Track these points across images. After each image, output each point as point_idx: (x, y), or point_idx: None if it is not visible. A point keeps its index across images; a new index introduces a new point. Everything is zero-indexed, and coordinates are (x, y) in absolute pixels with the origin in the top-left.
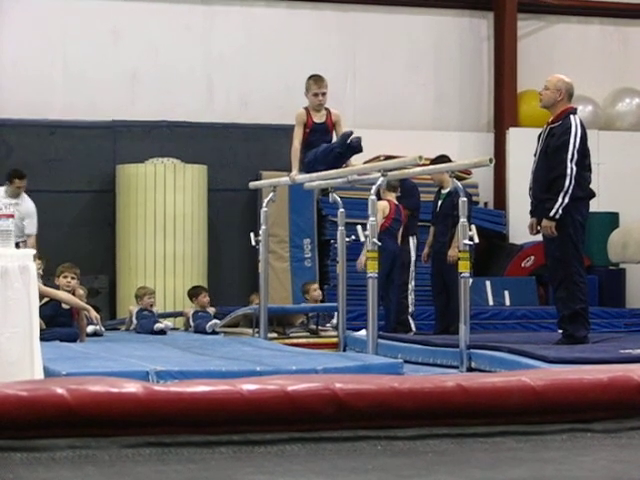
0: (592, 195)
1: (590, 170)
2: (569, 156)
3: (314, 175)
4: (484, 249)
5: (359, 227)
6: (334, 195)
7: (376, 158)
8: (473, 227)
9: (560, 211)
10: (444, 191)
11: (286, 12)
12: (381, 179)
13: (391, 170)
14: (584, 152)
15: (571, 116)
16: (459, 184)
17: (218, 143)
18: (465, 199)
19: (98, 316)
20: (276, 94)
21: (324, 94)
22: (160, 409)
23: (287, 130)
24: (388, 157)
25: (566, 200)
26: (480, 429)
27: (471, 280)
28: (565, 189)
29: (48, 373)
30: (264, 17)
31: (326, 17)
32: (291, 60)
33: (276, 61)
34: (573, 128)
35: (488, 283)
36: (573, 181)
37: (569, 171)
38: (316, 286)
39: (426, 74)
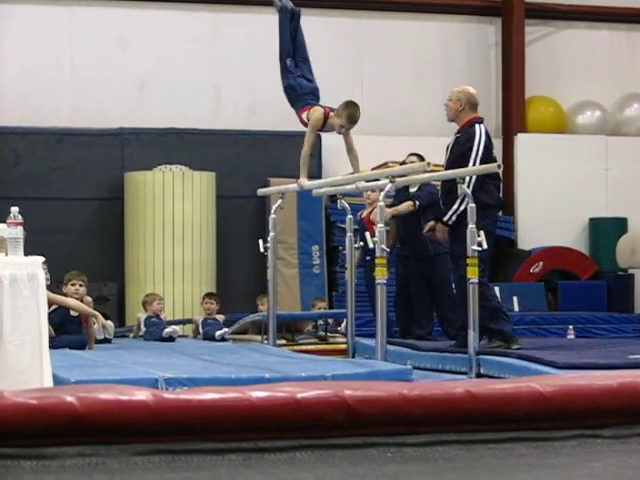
0: (501, 204)
1: (499, 178)
2: (471, 164)
3: (322, 182)
4: (492, 255)
5: (368, 233)
6: (342, 202)
7: (385, 164)
8: (482, 233)
9: (454, 217)
10: (412, 189)
11: None
12: (389, 185)
13: (399, 176)
14: (489, 160)
15: (476, 125)
16: (468, 191)
17: (226, 150)
18: (474, 205)
19: (106, 323)
20: (284, 101)
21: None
22: (170, 417)
23: (295, 137)
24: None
25: (462, 207)
26: (489, 435)
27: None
28: (462, 196)
29: (57, 381)
30: (272, 24)
31: (334, 24)
32: None
33: None
34: (477, 137)
35: (497, 289)
36: (471, 188)
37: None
38: (323, 304)
39: (434, 80)
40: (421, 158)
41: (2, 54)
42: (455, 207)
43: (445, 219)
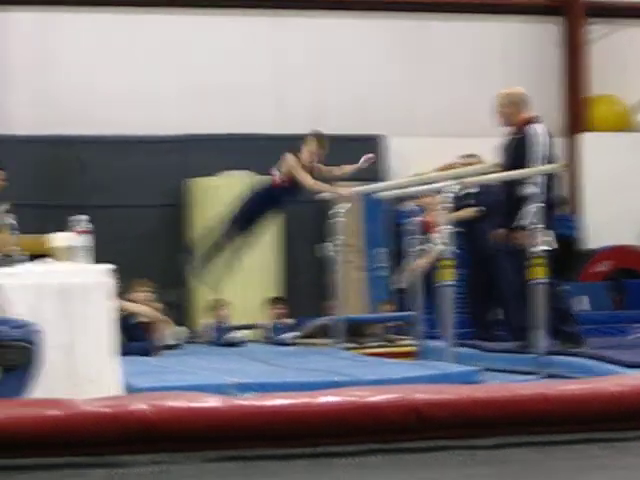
0: (563, 201)
1: (557, 176)
2: (532, 163)
3: (388, 184)
4: (559, 254)
5: (435, 235)
6: (408, 203)
7: (449, 166)
8: (551, 233)
9: (528, 220)
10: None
11: (357, 22)
12: (456, 187)
13: (464, 177)
14: (549, 159)
15: (533, 125)
16: (536, 190)
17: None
18: (541, 204)
19: (173, 329)
20: (347, 104)
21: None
22: (240, 423)
23: (359, 141)
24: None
25: (533, 208)
26: (562, 437)
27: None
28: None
29: (127, 388)
30: (334, 27)
31: (394, 26)
32: (361, 70)
33: (346, 71)
34: (535, 136)
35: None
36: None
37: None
38: (390, 307)
39: (495, 81)
40: (476, 159)
41: (66, 62)
42: (528, 209)
43: (520, 223)
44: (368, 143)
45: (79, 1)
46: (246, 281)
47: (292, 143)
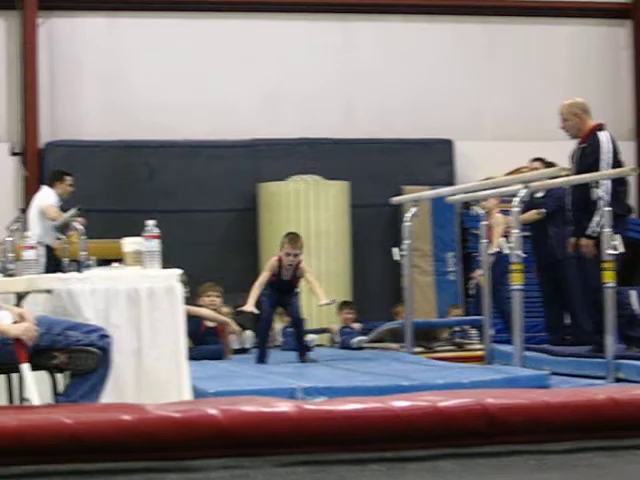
0: (630, 211)
1: (627, 184)
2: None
3: (456, 188)
4: (629, 258)
5: (502, 239)
6: (476, 208)
7: (517, 170)
8: (618, 236)
9: (597, 229)
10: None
11: (423, 26)
12: (524, 191)
13: (533, 181)
14: (618, 166)
15: (599, 133)
16: (605, 196)
17: (359, 159)
18: (610, 209)
19: (239, 329)
20: (416, 108)
21: (296, 255)
22: (312, 428)
23: (428, 144)
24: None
25: (602, 217)
26: (634, 441)
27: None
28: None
29: (196, 392)
30: (401, 31)
31: (465, 30)
32: (429, 73)
33: (413, 75)
34: (603, 145)
35: (633, 293)
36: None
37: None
38: (459, 311)
39: (562, 84)
40: (546, 163)
41: (136, 69)
42: (597, 219)
43: (588, 232)
44: (435, 147)
45: (148, 7)
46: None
47: (359, 147)
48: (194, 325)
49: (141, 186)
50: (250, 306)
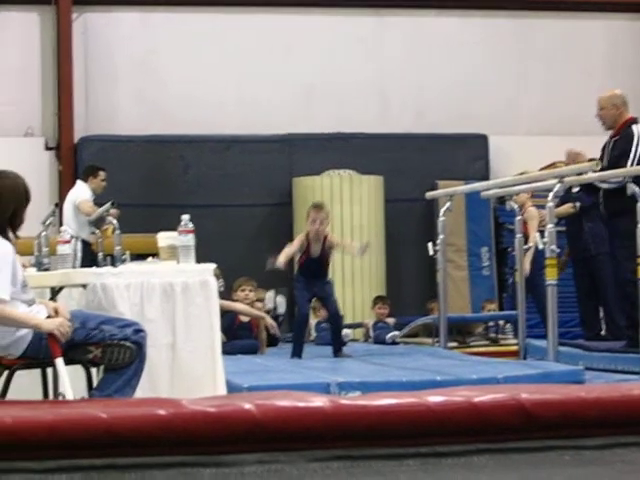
0: None
1: None
2: (629, 165)
3: (491, 183)
4: None
5: (537, 234)
6: (511, 203)
7: (552, 165)
8: None
9: None
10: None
11: (458, 20)
12: (558, 186)
13: (568, 176)
14: None
15: (632, 126)
16: (638, 190)
17: (393, 154)
18: None
19: (274, 324)
20: (451, 103)
21: (322, 222)
22: (347, 423)
23: (463, 139)
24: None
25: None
26: None
27: None
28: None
29: (230, 387)
30: (436, 26)
31: (499, 24)
32: (464, 68)
33: (448, 70)
34: (635, 138)
35: None
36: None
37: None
38: (493, 306)
39: (601, 79)
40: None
41: (170, 63)
42: (627, 211)
43: (619, 228)
44: (469, 141)
45: (182, 2)
46: (351, 280)
47: (394, 142)
48: (228, 320)
49: (175, 181)
50: (281, 261)
